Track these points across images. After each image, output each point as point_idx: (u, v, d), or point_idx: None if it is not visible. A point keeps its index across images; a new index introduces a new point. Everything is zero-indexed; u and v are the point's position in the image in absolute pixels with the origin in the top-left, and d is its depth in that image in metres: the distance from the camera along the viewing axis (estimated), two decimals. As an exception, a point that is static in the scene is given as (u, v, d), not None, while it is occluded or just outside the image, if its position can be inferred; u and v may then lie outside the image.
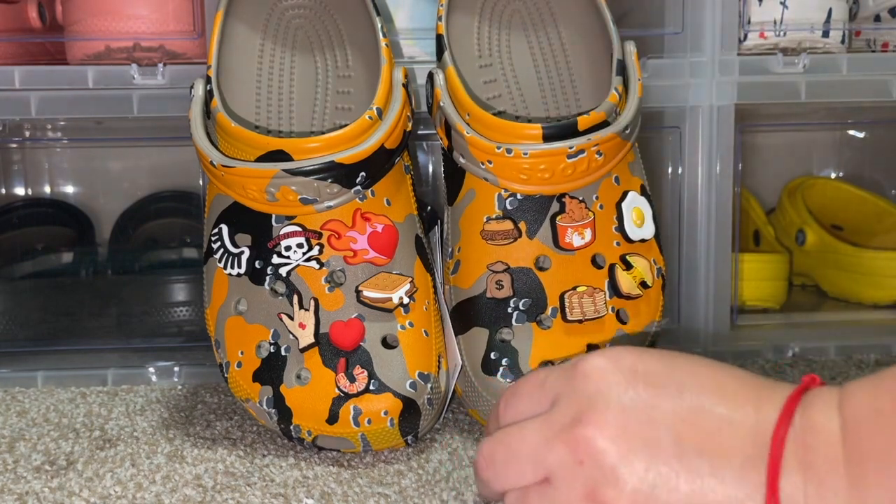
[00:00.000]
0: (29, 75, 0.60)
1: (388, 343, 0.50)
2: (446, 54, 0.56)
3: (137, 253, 0.77)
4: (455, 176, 0.55)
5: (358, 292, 0.50)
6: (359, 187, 0.50)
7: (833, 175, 0.97)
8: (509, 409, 0.38)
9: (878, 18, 0.71)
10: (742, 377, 0.34)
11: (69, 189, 0.90)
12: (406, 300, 0.51)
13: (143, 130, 0.79)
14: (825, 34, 0.66)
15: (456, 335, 0.53)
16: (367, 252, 0.50)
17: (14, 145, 0.87)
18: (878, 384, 0.31)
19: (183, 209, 0.83)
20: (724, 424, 0.32)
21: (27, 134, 0.81)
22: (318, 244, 0.50)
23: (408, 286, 0.51)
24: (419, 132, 0.66)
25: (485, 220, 0.53)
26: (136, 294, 0.71)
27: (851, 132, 0.97)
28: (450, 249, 0.55)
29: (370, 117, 0.50)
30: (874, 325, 0.75)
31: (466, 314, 0.53)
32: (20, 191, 0.90)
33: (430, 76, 0.56)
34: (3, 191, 0.89)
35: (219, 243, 0.52)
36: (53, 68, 0.61)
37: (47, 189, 0.90)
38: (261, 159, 0.50)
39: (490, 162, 0.51)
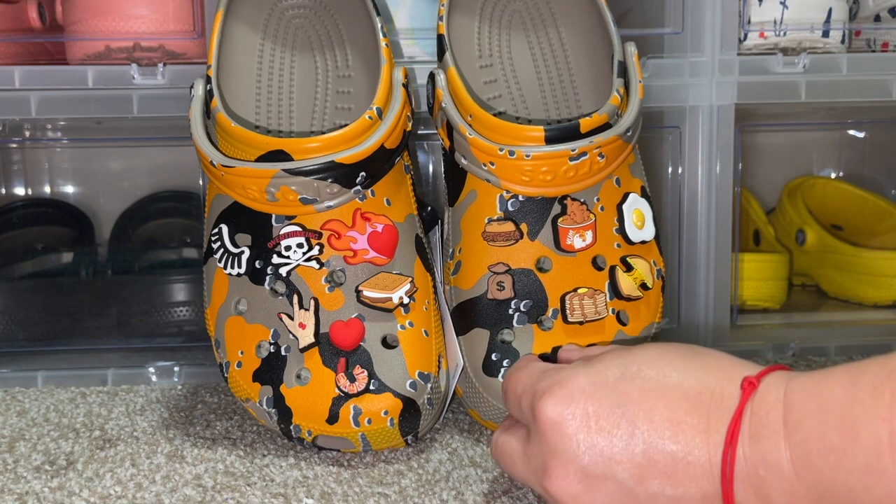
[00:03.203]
0: (29, 75, 0.60)
1: (388, 343, 0.50)
2: (447, 54, 0.56)
3: (137, 253, 0.77)
4: (456, 177, 0.55)
5: (358, 292, 0.50)
6: (359, 187, 0.50)
7: (833, 175, 0.97)
8: (508, 403, 0.40)
9: (878, 18, 0.71)
10: (694, 393, 0.34)
11: (69, 189, 0.90)
12: (406, 300, 0.51)
13: (143, 130, 0.79)
14: (825, 34, 0.66)
15: (457, 336, 0.53)
16: (367, 252, 0.50)
17: (14, 145, 0.87)
18: (816, 396, 0.31)
19: (183, 209, 0.83)
20: (679, 463, 0.33)
21: (27, 134, 0.81)
22: (318, 244, 0.50)
23: (408, 286, 0.51)
24: (419, 132, 0.66)
25: (486, 221, 0.53)
26: (136, 294, 0.71)
27: (851, 132, 0.97)
28: (451, 250, 0.55)
29: (370, 117, 0.50)
30: (874, 325, 0.75)
31: (467, 315, 0.53)
32: (20, 191, 0.90)
33: (432, 76, 0.56)
34: (3, 191, 0.89)
35: (219, 243, 0.52)
36: (53, 68, 0.61)
37: (47, 189, 0.90)
38: (261, 159, 0.50)
39: (492, 163, 0.51)
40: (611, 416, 0.34)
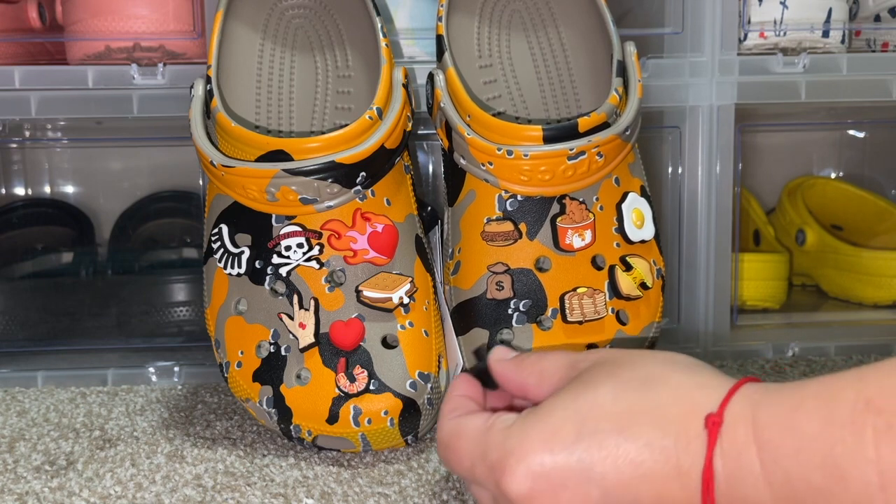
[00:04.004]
0: (29, 75, 0.60)
1: (388, 343, 0.50)
2: (447, 55, 0.56)
3: (137, 253, 0.77)
4: (455, 177, 0.55)
5: (358, 292, 0.50)
6: (359, 187, 0.50)
7: (833, 175, 0.97)
8: (456, 471, 0.37)
9: (878, 18, 0.71)
10: (658, 442, 0.31)
11: (69, 189, 0.90)
12: (406, 300, 0.51)
13: (143, 130, 0.79)
14: (825, 34, 0.66)
15: (456, 336, 0.53)
16: (367, 252, 0.50)
17: (14, 145, 0.87)
18: (791, 432, 0.29)
19: (183, 209, 0.83)
20: None
21: (27, 134, 0.81)
22: (318, 244, 0.50)
23: (408, 286, 0.51)
24: (419, 132, 0.66)
25: (485, 221, 0.53)
26: (136, 294, 0.71)
27: (851, 132, 0.97)
28: (450, 250, 0.55)
29: (370, 117, 0.50)
30: (874, 325, 0.75)
31: (467, 315, 0.53)
32: (20, 191, 0.90)
33: (431, 77, 0.56)
34: (3, 191, 0.89)
35: (219, 243, 0.52)
36: (53, 68, 0.61)
37: (47, 189, 0.90)
38: (261, 159, 0.50)
39: (490, 163, 0.51)
40: (580, 483, 0.31)
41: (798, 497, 0.28)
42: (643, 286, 0.54)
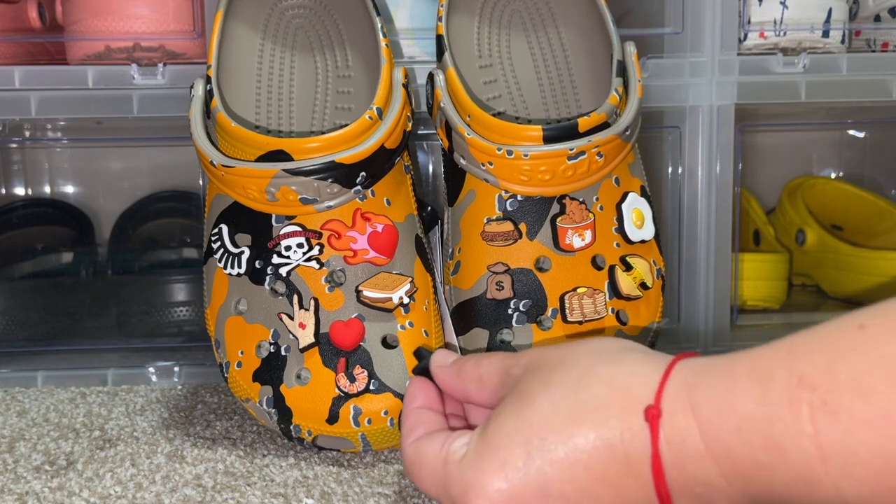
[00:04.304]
0: (29, 75, 0.60)
1: (388, 343, 0.50)
2: (446, 55, 0.56)
3: (137, 253, 0.77)
4: (455, 177, 0.55)
5: (358, 292, 0.50)
6: (359, 187, 0.50)
7: (833, 175, 0.97)
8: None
9: (878, 18, 0.71)
10: (604, 444, 0.31)
11: (69, 189, 0.90)
12: (406, 300, 0.51)
13: (143, 130, 0.79)
14: (825, 34, 0.66)
15: (456, 336, 0.53)
16: (368, 252, 0.50)
17: (14, 145, 0.87)
18: (729, 413, 0.29)
19: (183, 209, 0.83)
20: None
21: (27, 134, 0.81)
22: (318, 244, 0.50)
23: (408, 286, 0.51)
24: (419, 132, 0.66)
25: (485, 221, 0.53)
26: (136, 294, 0.71)
27: (851, 132, 0.97)
28: (450, 250, 0.55)
29: (370, 117, 0.50)
30: (874, 325, 0.75)
31: (467, 315, 0.53)
32: (20, 191, 0.90)
33: (431, 77, 0.56)
34: (3, 191, 0.89)
35: (219, 243, 0.52)
36: (53, 68, 0.61)
37: (47, 189, 0.90)
38: (261, 159, 0.50)
39: (490, 163, 0.51)
40: (541, 499, 0.32)
41: (743, 472, 0.29)
42: (643, 286, 0.54)
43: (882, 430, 0.26)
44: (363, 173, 0.50)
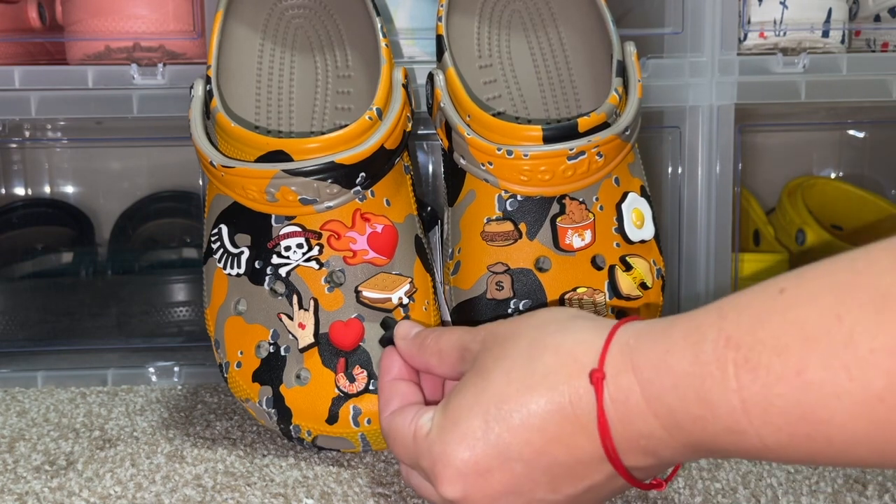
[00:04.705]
0: (29, 75, 0.60)
1: (387, 343, 0.50)
2: (446, 55, 0.56)
3: (137, 253, 0.77)
4: (455, 177, 0.55)
5: (357, 292, 0.50)
6: (358, 188, 0.50)
7: (833, 175, 0.97)
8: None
9: (878, 18, 0.71)
10: (555, 407, 0.34)
11: (69, 189, 0.90)
12: (406, 300, 0.51)
13: (143, 130, 0.79)
14: (825, 34, 0.66)
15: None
16: (367, 252, 0.50)
17: (14, 145, 0.87)
18: (667, 372, 0.32)
19: (183, 209, 0.83)
20: (577, 466, 0.35)
21: (27, 134, 0.81)
22: (317, 244, 0.50)
23: (407, 286, 0.51)
24: (419, 132, 0.66)
25: (485, 221, 0.53)
26: (136, 294, 0.71)
27: (851, 132, 0.97)
28: (450, 250, 0.55)
29: (370, 118, 0.50)
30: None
31: (467, 315, 0.53)
32: (20, 191, 0.90)
33: (431, 77, 0.56)
34: (3, 191, 0.89)
35: (218, 243, 0.52)
36: (53, 68, 0.61)
37: (47, 189, 0.90)
38: (260, 159, 0.50)
39: (490, 163, 0.51)
40: (503, 469, 0.35)
41: (681, 425, 0.32)
42: (643, 286, 0.54)
43: (794, 383, 0.29)
44: (363, 174, 0.50)
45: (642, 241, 0.54)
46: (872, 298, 0.28)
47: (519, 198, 0.52)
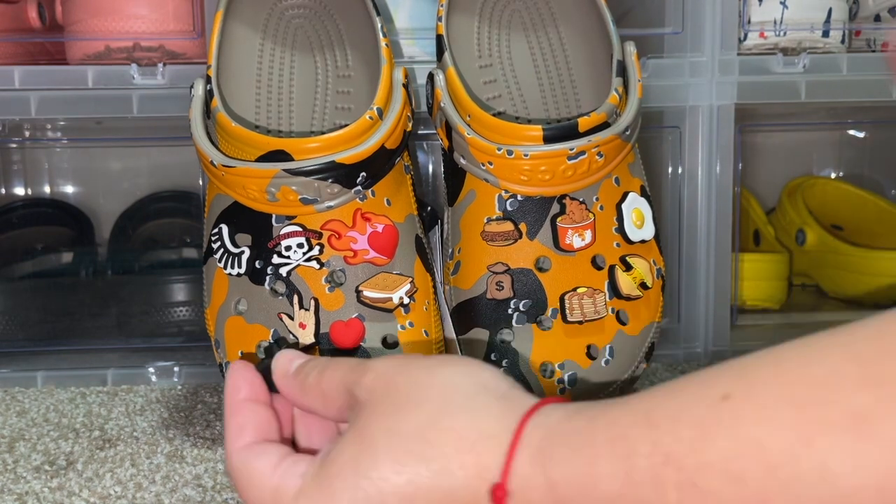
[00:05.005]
0: (29, 75, 0.60)
1: (388, 343, 0.50)
2: (446, 55, 0.56)
3: (137, 253, 0.77)
4: (455, 177, 0.55)
5: (358, 292, 0.50)
6: (359, 187, 0.50)
7: (833, 175, 0.97)
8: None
9: (878, 18, 0.71)
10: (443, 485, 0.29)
11: (69, 189, 0.90)
12: (406, 300, 0.51)
13: (143, 130, 0.79)
14: (825, 34, 0.66)
15: (456, 336, 0.53)
16: (368, 252, 0.50)
17: (14, 145, 0.87)
18: (590, 495, 0.28)
19: (183, 209, 0.83)
20: None
21: (27, 134, 0.81)
22: (318, 244, 0.50)
23: (408, 286, 0.51)
24: (419, 132, 0.66)
25: (485, 221, 0.53)
26: (136, 294, 0.71)
27: (851, 132, 0.97)
28: (450, 250, 0.55)
29: (370, 117, 0.50)
30: (874, 325, 0.75)
31: (467, 315, 0.53)
32: (20, 191, 0.90)
33: (431, 77, 0.56)
34: (3, 191, 0.89)
35: (218, 243, 0.52)
36: (53, 68, 0.61)
37: (47, 189, 0.90)
38: (261, 159, 0.50)
39: (490, 163, 0.51)
40: None
41: None
42: (643, 286, 0.54)
43: None
44: (363, 173, 0.50)
45: (642, 241, 0.54)
46: (846, 419, 0.24)
47: (519, 198, 0.52)
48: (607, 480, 0.27)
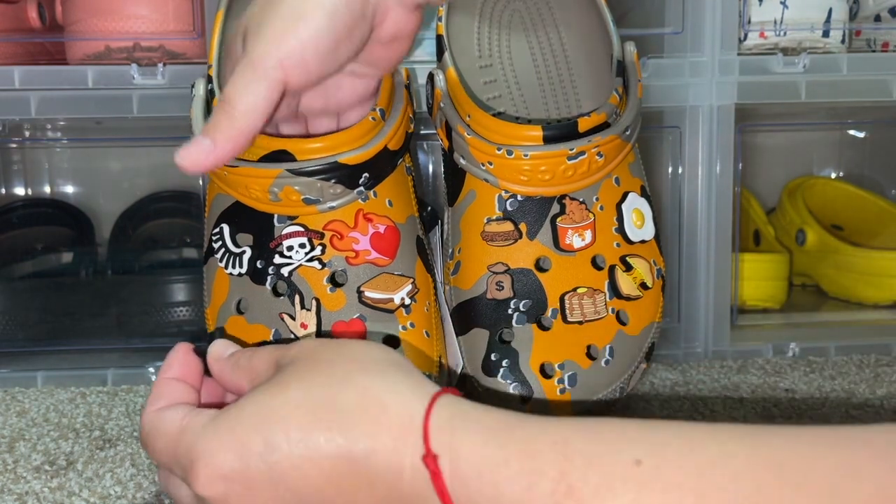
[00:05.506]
0: (29, 75, 0.60)
1: (389, 344, 0.50)
2: (446, 55, 0.56)
3: (137, 253, 0.77)
4: (455, 177, 0.55)
5: (360, 293, 0.50)
6: (361, 188, 0.50)
7: (833, 175, 0.97)
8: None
9: (878, 18, 0.71)
10: (346, 451, 0.31)
11: (69, 189, 0.90)
12: (408, 301, 0.51)
13: (143, 130, 0.79)
14: (825, 34, 0.66)
15: (456, 336, 0.53)
16: (369, 253, 0.50)
17: (14, 145, 0.87)
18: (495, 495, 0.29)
19: (183, 209, 0.83)
20: None
21: (27, 134, 0.81)
22: (320, 244, 0.50)
23: (409, 287, 0.51)
24: (419, 132, 0.66)
25: (485, 221, 0.53)
26: (136, 294, 0.71)
27: (851, 132, 0.97)
28: (450, 250, 0.55)
29: (373, 118, 0.50)
30: (874, 325, 0.75)
31: (467, 315, 0.53)
32: (20, 191, 0.90)
33: (431, 77, 0.56)
34: (3, 191, 0.89)
35: (220, 243, 0.52)
36: (53, 68, 0.61)
37: (47, 189, 0.90)
38: (263, 159, 0.50)
39: (490, 163, 0.51)
40: (272, 490, 0.32)
41: None
42: (643, 286, 0.54)
43: None
44: (366, 174, 0.50)
45: (642, 241, 0.54)
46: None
47: (519, 198, 0.52)
48: (509, 483, 0.28)
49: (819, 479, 0.25)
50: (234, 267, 0.51)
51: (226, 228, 0.51)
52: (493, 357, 0.52)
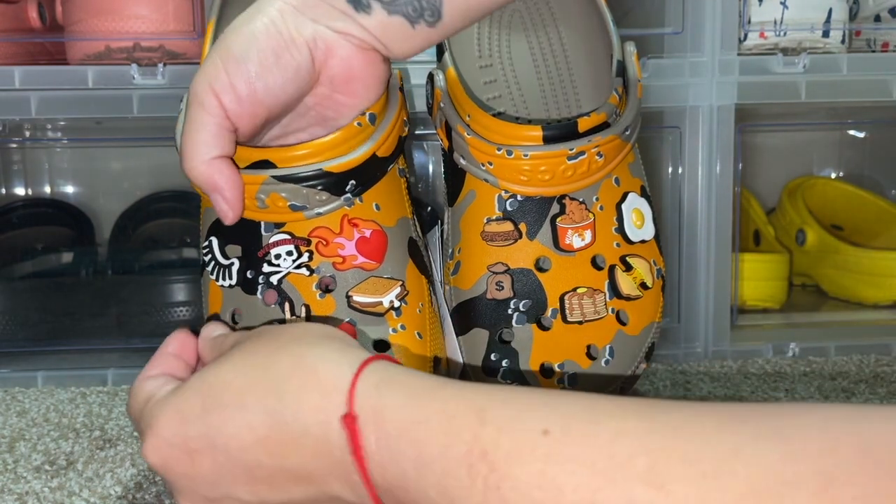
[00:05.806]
0: (29, 75, 0.60)
1: (379, 349, 0.50)
2: (447, 55, 0.56)
3: (137, 253, 0.77)
4: (455, 177, 0.55)
5: (348, 297, 0.50)
6: (349, 195, 0.49)
7: (833, 175, 0.97)
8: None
9: (878, 18, 0.71)
10: (275, 413, 0.33)
11: (69, 189, 0.90)
12: (397, 304, 0.50)
13: (143, 130, 0.79)
14: (825, 34, 0.66)
15: (456, 336, 0.53)
16: (356, 258, 0.50)
17: (14, 145, 0.87)
18: (413, 445, 0.31)
19: (183, 209, 0.83)
20: (302, 470, 0.33)
21: (27, 134, 0.81)
22: (307, 251, 0.50)
23: (398, 290, 0.50)
24: (419, 132, 0.66)
25: (485, 221, 0.53)
26: (136, 294, 0.71)
27: (851, 132, 0.97)
28: (450, 250, 0.55)
29: (359, 123, 0.49)
30: (874, 325, 0.75)
31: (467, 315, 0.53)
32: (20, 191, 0.90)
33: (431, 77, 0.56)
34: (3, 191, 0.89)
35: (209, 255, 0.51)
36: (53, 68, 0.61)
37: (47, 189, 0.90)
38: (250, 168, 0.49)
39: (490, 163, 0.51)
40: (208, 449, 0.34)
41: (412, 495, 0.30)
42: (643, 286, 0.53)
43: None
44: (352, 181, 0.49)
45: (642, 241, 0.54)
46: (641, 478, 0.26)
47: (519, 198, 0.52)
48: (428, 443, 0.30)
49: (709, 457, 0.26)
50: (224, 279, 0.51)
51: (214, 241, 0.51)
52: (493, 357, 0.51)
